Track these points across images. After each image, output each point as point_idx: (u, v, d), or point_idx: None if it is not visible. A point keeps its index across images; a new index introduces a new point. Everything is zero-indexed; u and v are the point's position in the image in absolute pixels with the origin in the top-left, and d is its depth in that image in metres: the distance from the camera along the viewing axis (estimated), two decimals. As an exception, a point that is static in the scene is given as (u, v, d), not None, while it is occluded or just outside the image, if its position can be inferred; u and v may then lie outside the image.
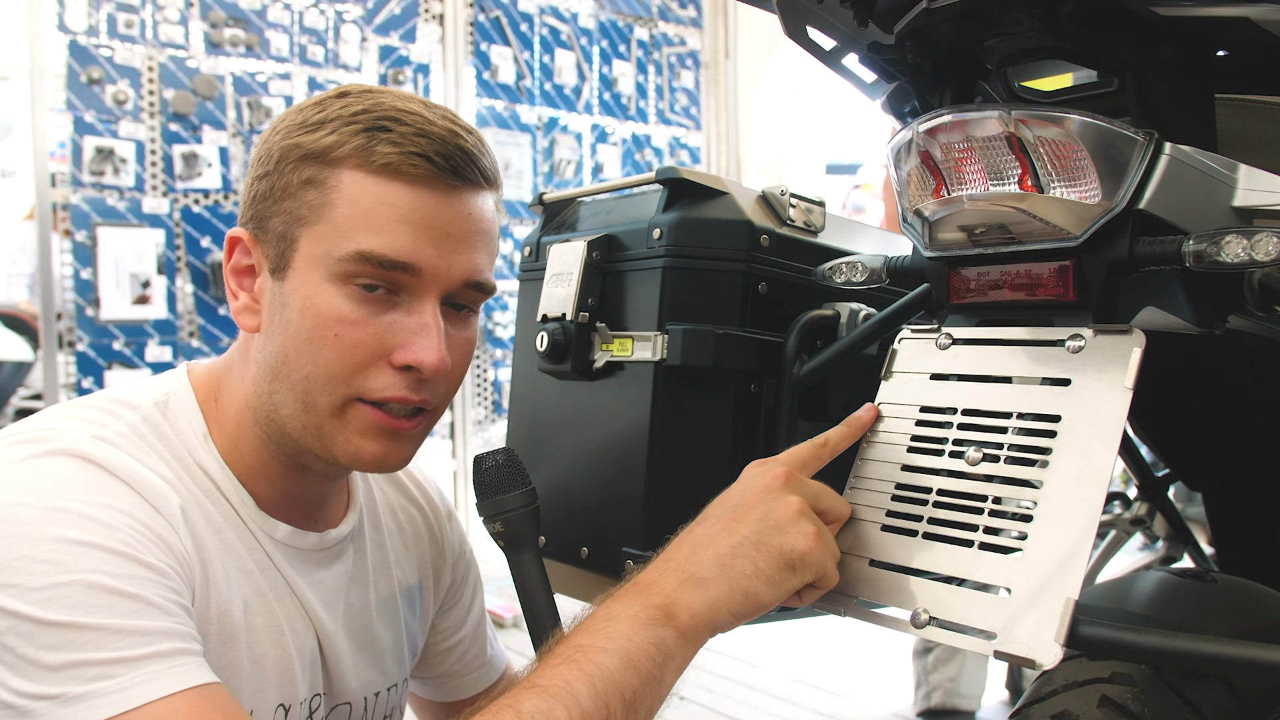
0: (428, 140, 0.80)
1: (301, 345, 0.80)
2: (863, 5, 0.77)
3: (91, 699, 0.65)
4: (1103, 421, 0.68)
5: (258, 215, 0.84)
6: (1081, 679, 0.84)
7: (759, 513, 0.75)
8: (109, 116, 3.27)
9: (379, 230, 0.79)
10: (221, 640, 0.80)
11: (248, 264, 0.85)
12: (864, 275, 0.88)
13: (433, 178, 0.80)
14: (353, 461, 0.83)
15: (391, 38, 3.87)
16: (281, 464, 0.87)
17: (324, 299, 0.79)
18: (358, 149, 0.79)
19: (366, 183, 0.79)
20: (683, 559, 0.74)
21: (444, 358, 0.81)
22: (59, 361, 3.22)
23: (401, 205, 0.79)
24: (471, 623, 1.12)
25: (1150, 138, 0.69)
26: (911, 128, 0.75)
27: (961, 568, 0.72)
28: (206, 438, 0.85)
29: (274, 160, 0.83)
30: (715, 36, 4.83)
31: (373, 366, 0.80)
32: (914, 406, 0.80)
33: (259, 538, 0.85)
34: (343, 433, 0.82)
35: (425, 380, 0.82)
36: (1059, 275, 0.72)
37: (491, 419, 4.11)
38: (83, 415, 0.80)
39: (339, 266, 0.79)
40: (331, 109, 0.82)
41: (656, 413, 0.92)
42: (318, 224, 0.80)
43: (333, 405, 0.81)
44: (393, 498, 1.05)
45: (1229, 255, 0.65)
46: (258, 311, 0.84)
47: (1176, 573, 1.02)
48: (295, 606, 0.87)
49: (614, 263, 0.98)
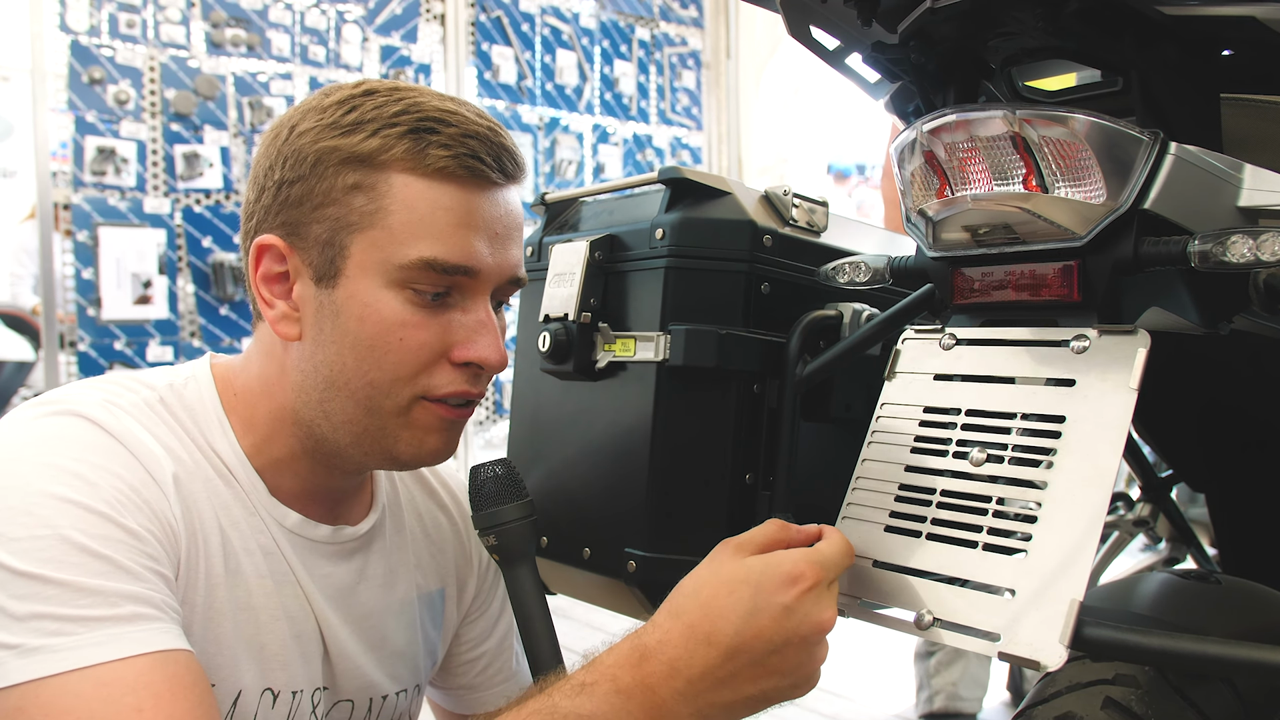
0: (477, 141, 0.81)
1: (363, 353, 0.81)
2: (866, 5, 0.77)
3: (44, 653, 0.66)
4: (1107, 422, 0.68)
5: (291, 221, 0.82)
6: (1085, 680, 0.84)
7: (792, 663, 0.71)
8: (110, 116, 3.27)
9: (439, 236, 0.80)
10: (207, 612, 0.80)
11: (280, 271, 0.83)
12: (867, 275, 0.88)
13: (482, 178, 0.81)
14: (414, 457, 0.85)
15: (393, 38, 3.87)
16: (312, 462, 0.87)
17: (385, 306, 0.80)
18: (408, 152, 0.79)
19: (419, 186, 0.80)
20: (695, 677, 0.70)
21: (505, 354, 0.84)
22: (60, 361, 3.22)
23: (457, 208, 0.80)
24: (498, 636, 1.10)
25: (1155, 137, 0.68)
26: (915, 127, 0.75)
27: (965, 569, 0.71)
28: (224, 423, 0.85)
29: (308, 163, 0.81)
30: (716, 37, 4.83)
31: (435, 365, 0.82)
32: (918, 407, 0.80)
33: (267, 523, 0.85)
34: (408, 430, 0.83)
35: (482, 374, 0.84)
36: (1063, 275, 0.72)
37: (493, 419, 4.11)
38: (102, 386, 0.83)
39: (399, 273, 0.79)
40: (366, 109, 0.81)
41: (659, 413, 0.92)
42: (371, 230, 0.80)
43: (398, 407, 0.82)
44: (420, 502, 1.03)
45: (1234, 255, 0.64)
46: (298, 320, 0.83)
47: (1180, 574, 1.02)
48: (296, 595, 0.87)
49: (616, 263, 0.98)
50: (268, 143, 0.85)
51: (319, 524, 0.89)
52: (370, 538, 0.94)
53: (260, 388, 0.86)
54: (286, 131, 0.83)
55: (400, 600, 0.97)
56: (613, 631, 0.77)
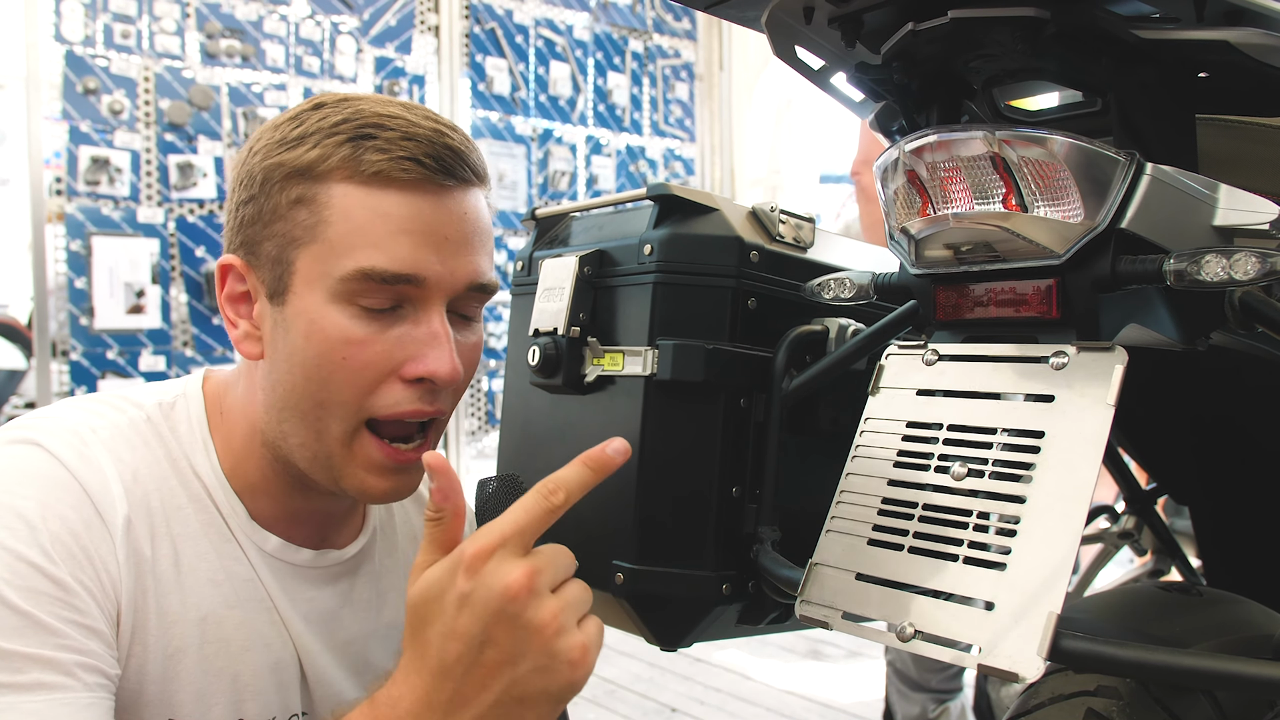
0: (415, 143, 0.77)
1: (310, 371, 0.78)
2: (850, 26, 0.78)
3: None
4: (1085, 438, 0.69)
5: (248, 240, 0.82)
6: (1067, 692, 0.85)
7: (516, 648, 0.63)
8: (104, 126, 3.28)
9: (377, 244, 0.76)
10: (165, 650, 0.79)
11: (242, 290, 0.83)
12: (852, 291, 0.89)
13: (425, 181, 0.78)
14: (361, 496, 0.82)
15: (387, 49, 3.89)
16: (286, 484, 0.86)
17: (328, 321, 0.77)
18: (344, 160, 0.77)
19: (358, 195, 0.77)
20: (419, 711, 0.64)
21: (457, 367, 0.79)
22: (53, 370, 3.21)
23: (397, 214, 0.77)
24: None
25: (1132, 158, 0.70)
26: (898, 147, 0.76)
27: (946, 582, 0.72)
28: (207, 444, 0.84)
29: (258, 182, 0.80)
30: (709, 49, 4.86)
31: (383, 384, 0.78)
32: (900, 422, 0.81)
33: (245, 548, 0.84)
34: (350, 466, 0.80)
35: (438, 390, 0.80)
36: (1043, 293, 0.73)
37: (485, 429, 4.11)
38: (87, 407, 0.82)
39: (340, 286, 0.77)
40: (309, 122, 0.79)
41: (647, 426, 0.93)
42: (313, 244, 0.78)
43: (344, 432, 0.79)
44: (417, 525, 1.01)
45: (1209, 274, 0.66)
46: (259, 339, 0.82)
47: (1163, 586, 1.03)
48: (274, 622, 0.86)
49: (605, 278, 0.99)
50: (235, 165, 0.85)
51: (300, 548, 0.88)
52: (357, 561, 0.93)
53: (238, 407, 0.86)
54: (246, 152, 0.83)
55: (388, 625, 0.96)
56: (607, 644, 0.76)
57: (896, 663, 2.35)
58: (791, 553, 0.90)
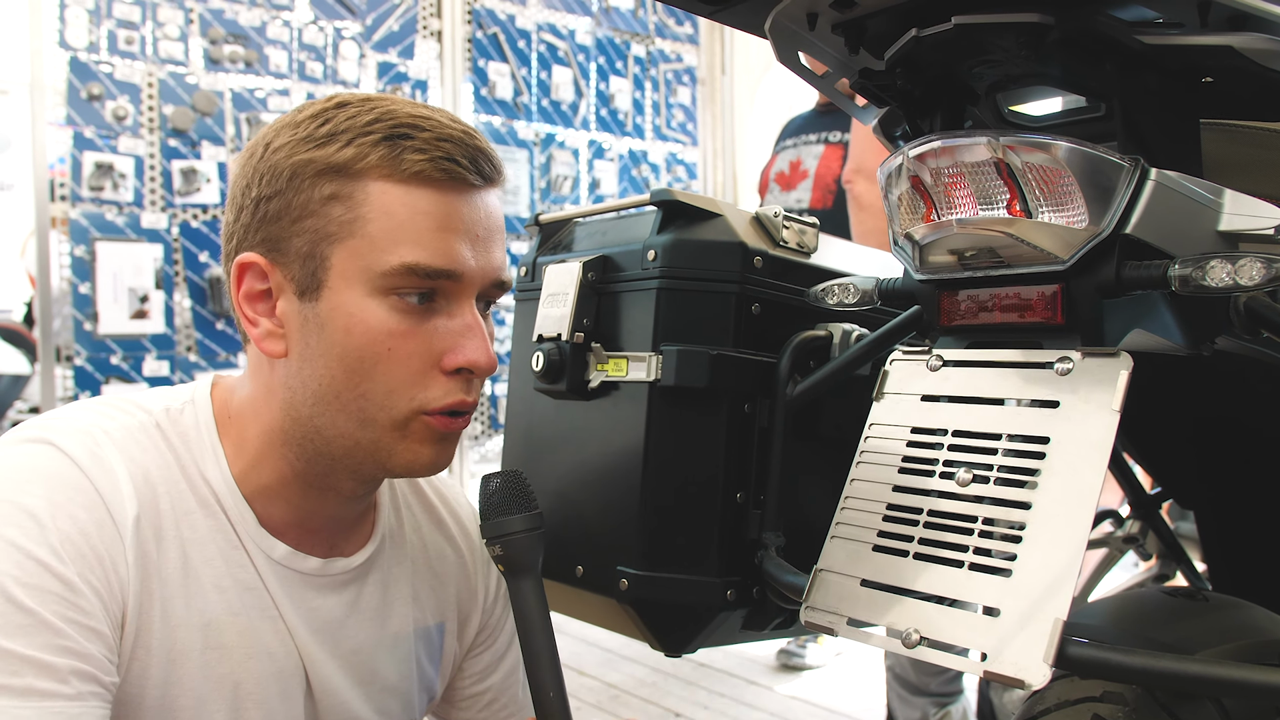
0: (452, 144, 0.80)
1: (353, 364, 0.80)
2: (853, 33, 0.79)
3: None
4: (1090, 443, 0.69)
5: (271, 237, 0.82)
6: (1073, 698, 0.85)
7: None
8: (109, 132, 3.29)
9: (419, 241, 0.79)
10: (168, 655, 0.79)
11: (262, 289, 0.83)
12: (856, 297, 0.89)
13: (459, 181, 0.81)
14: (409, 469, 0.84)
15: (390, 54, 3.89)
16: (303, 486, 0.86)
17: (371, 315, 0.79)
18: (383, 159, 0.79)
19: (397, 192, 0.79)
20: None
21: (494, 356, 0.83)
22: (56, 375, 3.22)
23: (436, 212, 0.79)
24: (504, 671, 1.06)
25: (1136, 163, 0.70)
26: (902, 153, 0.76)
27: (952, 588, 0.72)
28: (217, 450, 0.85)
29: (284, 178, 0.80)
30: (712, 53, 4.86)
31: (427, 376, 0.81)
32: (905, 428, 0.80)
33: (253, 556, 0.84)
34: (403, 443, 0.82)
35: (475, 380, 0.83)
36: (1047, 299, 0.73)
37: (488, 434, 4.11)
38: (98, 408, 0.82)
39: (382, 281, 0.79)
40: (337, 120, 0.81)
41: (651, 432, 0.93)
42: (350, 239, 0.79)
43: (394, 420, 0.81)
44: (428, 535, 1.01)
45: (1214, 280, 0.65)
46: (283, 336, 0.82)
47: (1169, 591, 1.03)
48: (278, 630, 0.86)
49: (609, 283, 0.99)
50: (243, 162, 0.84)
51: (308, 556, 0.88)
52: (366, 569, 0.93)
53: (250, 410, 0.86)
54: (262, 149, 0.83)
55: (394, 634, 0.95)
56: (607, 648, 0.77)
57: (896, 668, 2.35)
58: (796, 558, 0.90)
